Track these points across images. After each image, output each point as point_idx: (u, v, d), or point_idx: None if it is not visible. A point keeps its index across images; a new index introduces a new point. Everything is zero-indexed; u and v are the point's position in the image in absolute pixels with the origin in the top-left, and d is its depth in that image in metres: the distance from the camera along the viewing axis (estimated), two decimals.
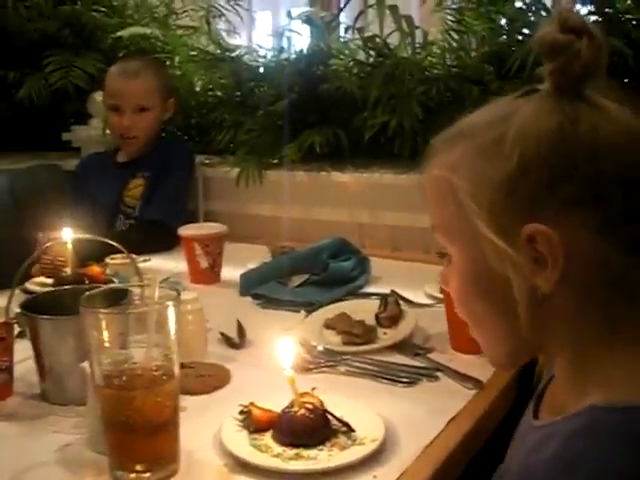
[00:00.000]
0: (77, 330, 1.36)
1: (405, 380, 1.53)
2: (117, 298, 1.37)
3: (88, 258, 2.07)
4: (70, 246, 1.99)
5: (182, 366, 1.54)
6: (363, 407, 1.38)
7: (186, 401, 1.42)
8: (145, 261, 2.39)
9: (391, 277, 2.18)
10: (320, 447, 1.27)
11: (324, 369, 1.60)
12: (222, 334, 1.76)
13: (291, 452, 1.26)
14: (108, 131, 3.01)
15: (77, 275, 2.01)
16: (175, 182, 2.79)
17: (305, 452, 1.26)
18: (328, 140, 2.67)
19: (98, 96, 3.14)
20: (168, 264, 2.39)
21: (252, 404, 1.34)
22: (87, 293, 1.19)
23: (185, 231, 2.24)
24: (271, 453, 1.26)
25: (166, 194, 2.73)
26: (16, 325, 1.47)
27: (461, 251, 0.94)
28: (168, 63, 3.22)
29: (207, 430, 1.34)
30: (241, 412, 1.35)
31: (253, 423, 1.32)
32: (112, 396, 1.16)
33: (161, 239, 2.52)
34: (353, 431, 1.30)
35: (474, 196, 0.87)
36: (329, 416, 1.32)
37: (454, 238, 0.94)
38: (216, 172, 2.96)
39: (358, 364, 1.60)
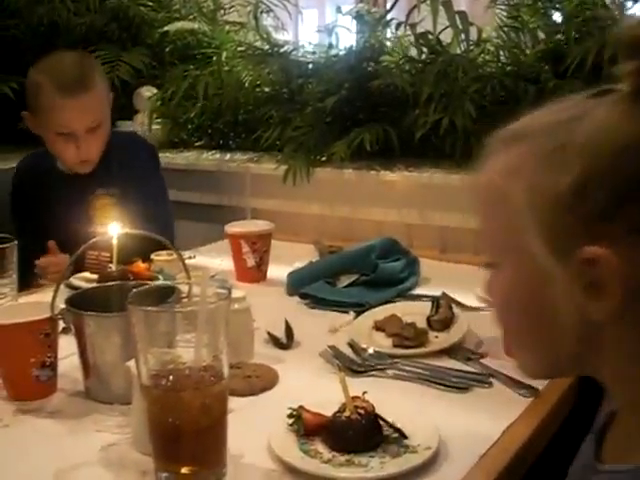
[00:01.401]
0: (123, 328, 1.34)
1: (457, 386, 1.48)
2: (164, 296, 1.33)
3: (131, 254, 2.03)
4: (115, 242, 1.99)
5: (229, 367, 1.53)
6: (415, 413, 1.34)
7: (233, 402, 1.37)
8: (190, 258, 2.36)
9: (441, 279, 2.13)
10: (371, 454, 1.23)
11: (373, 372, 1.55)
12: (269, 334, 1.72)
13: (342, 458, 1.22)
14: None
15: (122, 271, 1.99)
16: (163, 192, 2.56)
17: (356, 458, 1.22)
18: (378, 138, 2.62)
19: (144, 91, 3.13)
20: (213, 261, 2.35)
21: (302, 407, 1.30)
22: (135, 290, 1.16)
23: (232, 228, 2.21)
24: (321, 459, 1.22)
25: (162, 211, 2.50)
26: (60, 321, 1.44)
27: (507, 264, 0.85)
28: (215, 59, 3.18)
29: (255, 433, 1.30)
30: (290, 415, 1.30)
31: (302, 427, 1.28)
32: (159, 397, 1.12)
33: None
34: (406, 438, 1.26)
35: (529, 209, 0.79)
36: (381, 422, 1.27)
37: (501, 249, 0.87)
38: (263, 169, 2.92)
39: (408, 368, 1.55)
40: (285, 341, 1.71)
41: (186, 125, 3.26)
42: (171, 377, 1.12)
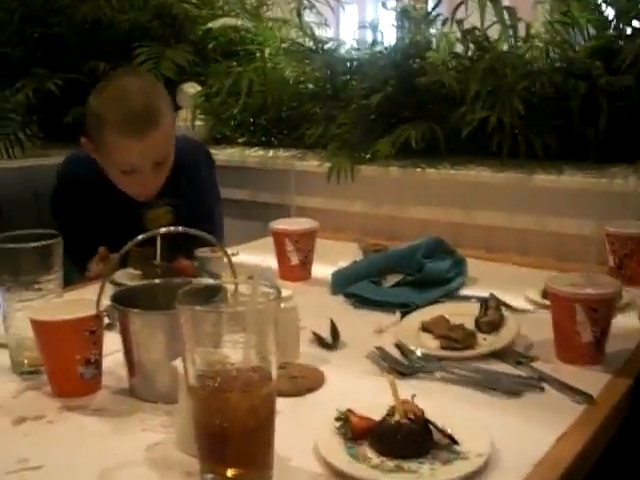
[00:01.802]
0: (169, 326, 1.33)
1: (508, 390, 1.44)
2: (211, 294, 1.30)
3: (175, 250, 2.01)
4: (159, 238, 1.98)
5: None
6: (465, 417, 1.31)
7: (278, 403, 1.33)
8: (233, 255, 2.34)
9: (488, 279, 2.10)
10: (421, 460, 1.19)
11: (421, 375, 1.52)
12: (315, 334, 1.70)
13: (391, 463, 1.19)
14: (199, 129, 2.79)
15: (166, 268, 1.98)
16: (217, 192, 2.56)
17: (406, 464, 1.18)
18: (424, 135, 2.59)
19: (187, 87, 3.11)
20: (256, 258, 2.33)
21: (349, 410, 1.27)
22: (183, 289, 1.13)
23: (276, 226, 2.19)
24: (369, 463, 1.19)
25: (215, 210, 2.50)
26: (104, 317, 1.42)
27: None
28: (258, 55, 3.17)
29: (301, 435, 1.27)
30: (338, 418, 1.27)
31: (350, 430, 1.25)
32: (205, 397, 1.10)
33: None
34: (456, 444, 1.22)
35: None
36: (431, 427, 1.24)
37: None
38: (307, 166, 2.92)
39: (457, 371, 1.52)
40: (331, 341, 1.68)
41: (229, 121, 3.25)
42: (218, 378, 1.10)
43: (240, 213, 3.01)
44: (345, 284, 2.02)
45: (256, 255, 2.36)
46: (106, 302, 1.43)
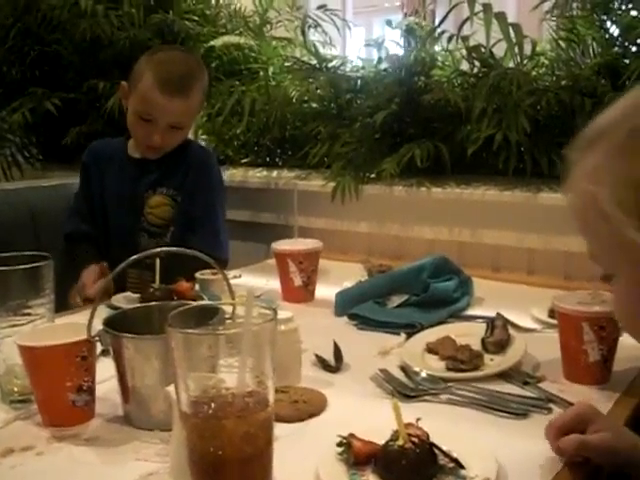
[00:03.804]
0: (163, 350, 1.28)
1: (515, 411, 1.40)
2: (207, 317, 1.26)
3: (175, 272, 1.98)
4: (157, 261, 1.96)
5: (275, 391, 1.46)
6: (471, 440, 1.26)
7: (279, 429, 1.30)
8: (235, 277, 2.32)
9: (495, 299, 2.06)
10: None
11: (426, 397, 1.48)
12: (317, 356, 1.66)
13: None
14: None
15: (165, 291, 1.95)
16: (220, 210, 2.58)
17: None
18: (429, 154, 2.55)
19: None
20: (259, 280, 2.30)
21: (352, 435, 1.23)
22: (175, 311, 1.09)
23: (279, 246, 2.15)
24: None
25: (214, 227, 2.52)
26: (99, 343, 1.38)
27: (621, 270, 0.84)
28: (262, 74, 3.14)
29: (302, 462, 1.23)
30: (340, 444, 1.23)
31: (353, 456, 1.20)
32: (199, 425, 1.05)
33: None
34: (462, 468, 1.18)
35: (619, 203, 0.77)
36: (436, 451, 1.19)
37: (610, 258, 0.85)
38: (311, 186, 2.88)
39: (463, 392, 1.48)
40: (334, 364, 1.64)
41: (232, 142, 3.22)
42: (213, 404, 1.05)
43: (243, 234, 2.96)
44: (349, 305, 1.98)
45: (259, 277, 2.34)
46: (100, 327, 1.39)
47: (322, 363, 1.64)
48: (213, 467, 1.06)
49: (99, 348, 1.40)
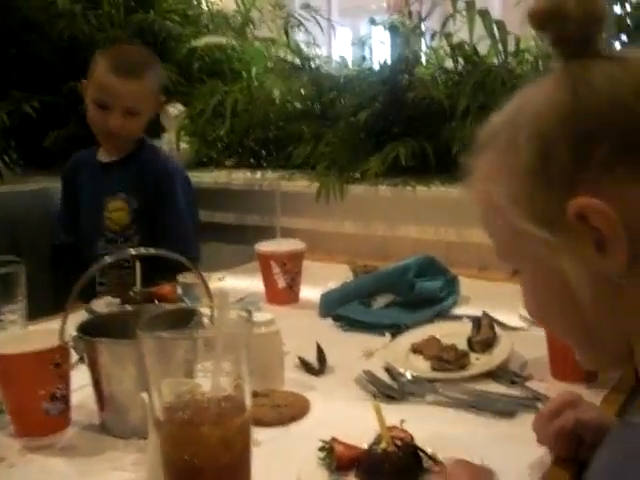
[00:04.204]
0: (139, 355, 1.24)
1: (502, 411, 1.37)
2: (184, 320, 1.23)
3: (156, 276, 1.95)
4: (138, 263, 1.92)
5: (256, 395, 1.43)
6: (457, 442, 1.23)
7: (260, 434, 1.29)
8: (220, 279, 2.29)
9: (481, 298, 2.03)
10: None
11: (411, 399, 1.45)
12: (300, 359, 1.62)
13: None
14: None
15: (146, 295, 1.91)
16: (189, 217, 2.56)
17: None
18: (414, 153, 2.52)
19: (172, 108, 3.04)
20: (243, 282, 2.27)
21: (334, 439, 1.20)
22: (147, 315, 1.06)
23: (262, 248, 2.12)
24: None
25: (184, 234, 2.50)
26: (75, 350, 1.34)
27: (522, 264, 0.88)
28: (244, 74, 3.10)
29: (284, 467, 1.20)
30: (321, 448, 1.20)
31: (335, 461, 1.17)
32: (173, 432, 1.02)
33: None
34: None
35: (508, 197, 0.82)
36: (421, 454, 1.16)
37: (512, 253, 0.89)
38: (295, 187, 2.85)
39: (449, 393, 1.45)
40: (317, 366, 1.61)
41: (215, 143, 3.18)
42: (187, 410, 1.02)
43: (227, 237, 2.94)
44: (334, 306, 1.95)
45: (244, 279, 2.30)
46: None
47: (305, 366, 1.61)
48: (189, 476, 1.02)
49: (75, 355, 1.36)
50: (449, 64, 2.70)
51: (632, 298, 0.79)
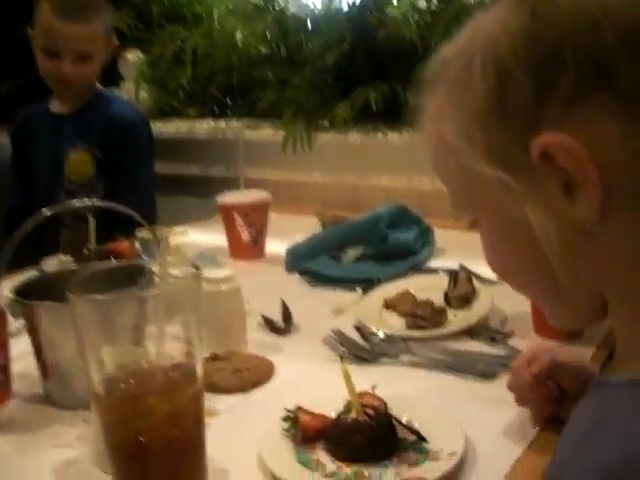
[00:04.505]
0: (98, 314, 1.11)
1: (482, 372, 1.27)
2: (131, 279, 1.10)
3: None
4: (91, 218, 1.81)
5: (216, 358, 1.32)
6: (434, 408, 1.13)
7: (220, 402, 1.20)
8: (182, 234, 2.18)
9: (458, 249, 1.91)
10: (385, 462, 1.02)
11: (384, 360, 1.35)
12: (264, 318, 1.51)
13: (349, 470, 1.01)
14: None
15: (102, 252, 1.79)
16: (146, 167, 2.50)
17: (367, 470, 1.00)
18: (384, 97, 2.39)
19: (130, 55, 2.89)
20: (207, 237, 2.16)
21: (299, 409, 1.08)
22: (80, 275, 0.93)
23: (224, 199, 2.01)
24: (323, 472, 1.01)
25: (138, 184, 2.44)
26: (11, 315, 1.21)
27: (480, 213, 0.79)
28: (206, 18, 2.95)
29: (244, 440, 1.10)
30: (286, 418, 1.08)
31: (301, 432, 1.06)
32: (115, 406, 0.90)
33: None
34: (425, 441, 1.04)
35: (462, 135, 0.73)
36: (395, 423, 1.05)
37: (468, 201, 0.80)
38: (260, 136, 2.73)
39: (424, 353, 1.35)
40: (282, 326, 1.50)
41: (177, 92, 3.03)
42: (130, 381, 0.90)
43: (190, 190, 2.83)
44: (301, 260, 1.85)
45: (207, 234, 2.19)
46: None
47: (270, 325, 1.50)
48: (135, 455, 0.91)
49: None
50: (422, 3, 2.56)
51: (605, 248, 0.69)
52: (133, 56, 2.89)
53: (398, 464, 1.01)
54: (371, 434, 1.02)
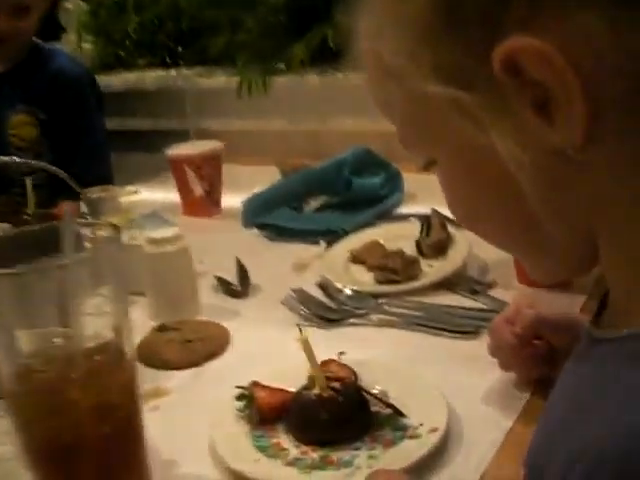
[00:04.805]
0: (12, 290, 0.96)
1: (463, 329, 1.13)
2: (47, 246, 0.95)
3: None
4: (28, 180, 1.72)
5: (164, 328, 1.19)
6: (412, 376, 0.99)
7: (169, 379, 1.08)
8: (133, 193, 2.05)
9: (429, 194, 1.71)
10: (356, 444, 0.88)
11: (352, 320, 1.21)
12: (219, 279, 1.37)
13: (315, 455, 0.87)
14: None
15: (42, 216, 1.67)
16: (95, 124, 2.35)
17: (335, 454, 0.87)
18: (342, 33, 2.22)
19: (69, 4, 2.73)
20: (159, 195, 2.03)
21: (255, 384, 0.94)
22: None
23: (173, 151, 1.85)
24: (285, 459, 0.87)
25: (88, 143, 2.30)
26: None
27: (436, 149, 0.63)
28: None
29: (193, 425, 0.97)
30: (240, 397, 0.94)
31: (257, 412, 0.92)
32: (30, 402, 0.75)
33: None
34: (402, 416, 0.90)
35: (403, 53, 0.57)
36: (366, 395, 0.91)
37: (420, 135, 0.63)
38: (213, 84, 2.58)
39: (397, 310, 1.22)
40: (239, 287, 1.35)
41: (123, 41, 2.88)
42: (47, 371, 0.75)
43: (141, 145, 2.68)
44: (258, 213, 1.71)
45: (159, 191, 2.06)
46: None
47: (225, 287, 1.36)
48: (56, 458, 0.77)
49: None
50: None
51: (593, 178, 0.54)
52: (73, 5, 2.73)
53: (371, 444, 0.87)
54: (338, 411, 0.88)
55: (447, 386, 0.95)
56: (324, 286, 1.30)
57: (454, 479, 0.82)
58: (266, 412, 0.91)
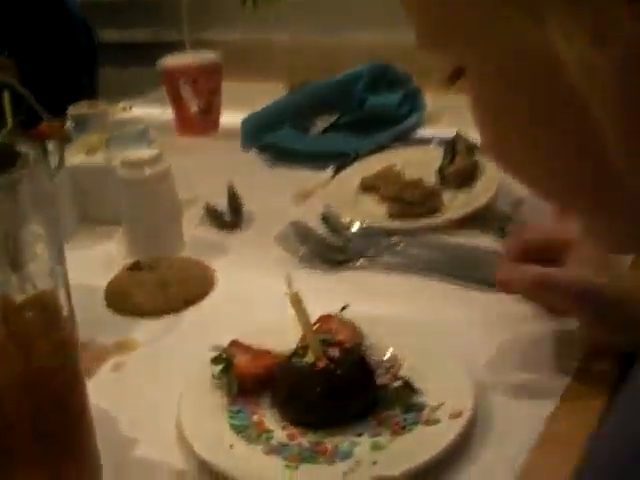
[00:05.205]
0: None
1: (491, 280, 0.93)
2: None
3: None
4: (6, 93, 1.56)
5: (137, 267, 1.01)
6: (431, 339, 0.82)
7: (139, 329, 0.91)
8: (126, 109, 1.90)
9: (454, 115, 1.57)
10: (357, 428, 0.70)
11: (360, 262, 1.03)
12: (208, 209, 1.20)
13: (304, 441, 0.70)
14: None
15: (20, 135, 1.52)
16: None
17: (329, 440, 0.70)
18: None
19: None
20: (154, 111, 1.86)
21: (235, 344, 0.76)
22: None
23: (167, 62, 1.71)
24: (267, 443, 0.70)
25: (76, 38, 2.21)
26: None
27: (469, 47, 0.46)
28: None
29: (159, 397, 0.80)
30: (216, 359, 0.76)
31: (236, 381, 0.74)
32: None
33: None
34: (416, 393, 0.73)
35: None
36: (372, 364, 0.75)
37: (448, 27, 0.46)
38: None
39: (414, 251, 1.05)
40: (229, 218, 1.19)
41: None
42: None
43: (134, 59, 2.52)
44: (259, 133, 1.56)
45: (154, 108, 1.89)
46: None
47: (214, 218, 1.19)
48: None
49: None
50: None
51: None
52: None
53: (376, 430, 0.69)
54: (335, 386, 0.70)
55: (472, 350, 0.78)
56: (328, 219, 1.12)
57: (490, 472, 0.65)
58: (247, 381, 0.74)
